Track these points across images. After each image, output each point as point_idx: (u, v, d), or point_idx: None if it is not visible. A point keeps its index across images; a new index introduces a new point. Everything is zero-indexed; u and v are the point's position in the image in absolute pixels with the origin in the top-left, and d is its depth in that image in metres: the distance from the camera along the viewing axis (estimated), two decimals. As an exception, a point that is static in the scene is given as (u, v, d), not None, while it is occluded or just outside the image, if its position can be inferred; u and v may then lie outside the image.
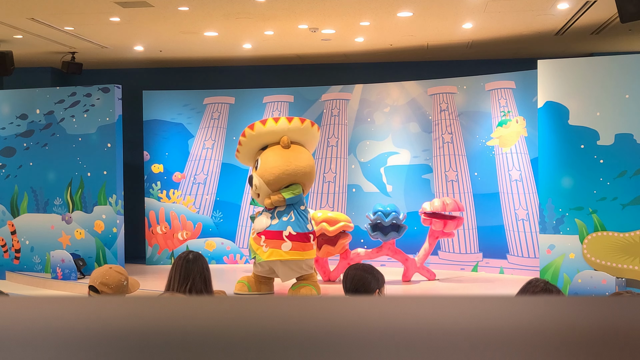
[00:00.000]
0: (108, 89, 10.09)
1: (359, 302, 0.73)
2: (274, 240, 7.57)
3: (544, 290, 3.09)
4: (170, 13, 8.02)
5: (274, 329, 0.69)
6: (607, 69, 7.75)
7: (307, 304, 0.73)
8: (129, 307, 0.73)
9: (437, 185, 10.32)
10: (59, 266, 9.42)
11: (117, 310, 0.73)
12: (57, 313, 0.72)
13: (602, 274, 7.50)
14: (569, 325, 0.68)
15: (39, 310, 0.73)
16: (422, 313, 0.71)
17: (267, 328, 0.69)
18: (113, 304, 0.75)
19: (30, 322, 0.70)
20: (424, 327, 0.69)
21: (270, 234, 7.62)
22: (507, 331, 0.68)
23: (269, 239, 7.60)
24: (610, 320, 0.68)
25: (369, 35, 9.47)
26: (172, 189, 11.16)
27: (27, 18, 8.27)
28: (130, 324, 0.70)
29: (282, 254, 7.53)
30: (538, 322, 0.68)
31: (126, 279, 3.74)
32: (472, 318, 0.70)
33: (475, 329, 0.68)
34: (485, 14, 8.19)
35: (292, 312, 0.72)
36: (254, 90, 11.24)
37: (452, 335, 0.68)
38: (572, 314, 0.70)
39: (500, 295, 0.72)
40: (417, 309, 0.72)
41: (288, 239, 7.54)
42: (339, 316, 0.71)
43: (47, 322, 0.70)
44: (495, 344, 0.67)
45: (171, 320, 0.70)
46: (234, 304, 0.73)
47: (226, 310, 0.72)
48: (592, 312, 0.70)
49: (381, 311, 0.72)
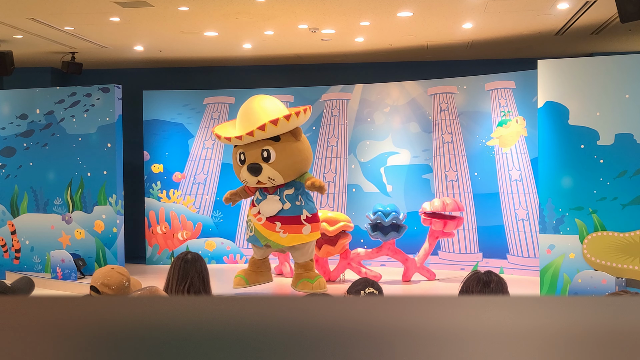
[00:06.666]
0: (108, 89, 10.10)
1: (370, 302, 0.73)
2: (293, 226, 7.57)
3: (484, 283, 3.13)
4: (170, 13, 8.02)
5: (274, 329, 0.69)
6: (607, 69, 7.75)
7: (325, 303, 0.73)
8: (129, 307, 0.73)
9: (437, 185, 10.32)
10: (59, 266, 9.42)
11: (117, 310, 0.73)
12: (57, 313, 0.72)
13: (602, 274, 7.50)
14: (568, 325, 0.68)
15: (39, 310, 0.73)
16: (422, 313, 0.71)
17: (267, 328, 0.69)
18: (113, 303, 0.75)
19: (30, 322, 0.70)
20: (424, 327, 0.69)
21: (286, 219, 7.58)
22: (507, 331, 0.68)
23: (286, 224, 7.56)
24: (610, 320, 0.69)
25: (369, 35, 9.47)
26: (172, 189, 11.17)
27: (27, 18, 8.27)
28: (131, 324, 0.70)
29: (304, 237, 7.59)
30: (537, 322, 0.68)
31: (128, 279, 3.74)
32: (472, 318, 0.70)
33: (474, 329, 0.68)
34: (485, 14, 8.19)
35: (303, 312, 0.72)
36: (254, 90, 11.20)
37: (452, 335, 0.68)
38: (571, 314, 0.70)
39: (500, 296, 0.72)
40: (416, 309, 0.72)
41: (306, 222, 7.58)
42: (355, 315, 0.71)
43: (47, 322, 0.70)
44: (495, 344, 0.67)
45: (171, 320, 0.70)
46: (235, 303, 0.73)
47: (227, 310, 0.72)
48: (592, 312, 0.70)
49: (395, 310, 0.72)
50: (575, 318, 0.70)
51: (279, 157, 7.48)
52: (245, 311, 0.71)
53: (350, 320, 0.70)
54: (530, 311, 0.71)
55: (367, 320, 0.70)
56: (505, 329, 0.69)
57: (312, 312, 0.72)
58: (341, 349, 0.67)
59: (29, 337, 0.69)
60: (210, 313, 0.72)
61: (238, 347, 0.67)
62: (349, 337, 0.67)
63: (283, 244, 7.59)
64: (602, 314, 0.70)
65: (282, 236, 7.55)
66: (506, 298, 0.73)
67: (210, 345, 0.67)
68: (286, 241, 7.57)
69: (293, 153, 7.54)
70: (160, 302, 0.73)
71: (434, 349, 0.67)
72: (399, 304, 0.73)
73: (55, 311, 0.73)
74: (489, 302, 0.73)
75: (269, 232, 7.60)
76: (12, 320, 0.71)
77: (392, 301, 0.74)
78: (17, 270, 10.26)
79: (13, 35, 9.19)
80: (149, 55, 10.93)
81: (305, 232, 7.61)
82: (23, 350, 0.68)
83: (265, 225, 7.62)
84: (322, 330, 0.68)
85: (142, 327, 0.69)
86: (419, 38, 9.65)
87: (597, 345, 0.66)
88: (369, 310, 0.72)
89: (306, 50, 10.56)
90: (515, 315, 0.71)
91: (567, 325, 0.68)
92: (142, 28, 8.91)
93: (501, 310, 0.72)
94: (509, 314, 0.71)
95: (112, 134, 9.99)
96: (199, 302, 0.75)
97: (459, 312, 0.71)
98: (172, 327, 0.69)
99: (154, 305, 0.73)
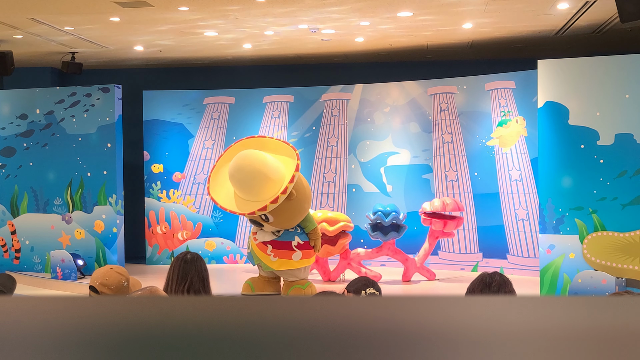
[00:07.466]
0: (108, 89, 10.10)
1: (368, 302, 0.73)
2: (283, 251, 7.56)
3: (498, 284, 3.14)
4: (170, 13, 8.02)
5: (274, 329, 0.69)
6: (607, 69, 7.76)
7: (325, 303, 0.73)
8: (129, 307, 0.73)
9: (437, 185, 10.32)
10: (59, 266, 9.42)
11: (117, 310, 0.73)
12: (57, 313, 0.72)
13: (602, 274, 7.50)
14: (568, 325, 0.68)
15: (38, 310, 0.73)
16: (423, 312, 0.71)
17: (267, 328, 0.69)
18: (113, 304, 0.75)
19: (30, 322, 0.70)
20: (424, 327, 0.69)
21: (277, 244, 7.57)
22: (507, 331, 0.68)
23: (277, 249, 7.56)
24: (610, 320, 0.68)
25: (369, 35, 9.47)
26: (172, 189, 11.17)
27: (27, 18, 8.27)
28: (131, 324, 0.70)
29: (293, 263, 7.57)
30: (537, 322, 0.68)
31: (127, 279, 3.74)
32: (471, 318, 0.70)
33: (473, 329, 0.68)
34: (485, 14, 8.19)
35: (294, 312, 0.71)
36: (254, 90, 11.24)
37: (452, 335, 0.68)
38: (571, 314, 0.70)
39: (500, 296, 0.72)
40: (416, 308, 0.72)
41: (297, 248, 7.56)
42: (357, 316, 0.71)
43: (47, 322, 0.70)
44: (495, 344, 0.67)
45: (171, 320, 0.70)
46: (234, 303, 0.73)
47: (226, 310, 0.72)
48: (592, 312, 0.70)
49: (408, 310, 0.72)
50: (575, 318, 0.69)
51: (277, 218, 7.41)
52: (244, 311, 0.71)
53: (350, 320, 0.70)
54: (530, 311, 0.71)
55: (370, 320, 0.70)
56: (505, 329, 0.69)
57: (312, 312, 0.72)
58: (341, 349, 0.67)
59: (29, 337, 0.69)
60: (210, 313, 0.72)
61: (238, 347, 0.67)
62: (349, 337, 0.67)
63: (273, 267, 7.58)
64: (602, 314, 0.70)
65: (272, 260, 7.56)
66: (506, 298, 0.73)
67: (210, 345, 0.67)
68: (276, 265, 7.57)
69: (289, 211, 7.43)
70: (160, 302, 0.73)
71: (433, 349, 0.67)
72: (399, 304, 0.73)
73: (55, 311, 0.73)
74: (489, 302, 0.73)
75: (262, 254, 7.62)
76: (12, 320, 0.71)
77: (392, 301, 0.74)
78: (17, 270, 10.25)
79: (13, 35, 9.19)
80: (149, 55, 10.93)
81: (295, 258, 7.55)
82: (23, 350, 0.68)
83: (259, 246, 7.65)
84: (322, 330, 0.68)
85: (142, 327, 0.69)
86: (419, 38, 9.65)
87: (597, 345, 0.66)
88: (371, 311, 0.72)
89: (306, 50, 10.56)
90: (515, 315, 0.71)
91: (567, 325, 0.68)
92: (142, 28, 8.91)
93: (501, 310, 0.72)
94: (508, 314, 0.71)
95: (112, 134, 9.99)
96: (198, 302, 0.75)
97: (458, 312, 0.71)
98: (172, 327, 0.69)
99: (154, 306, 0.73)
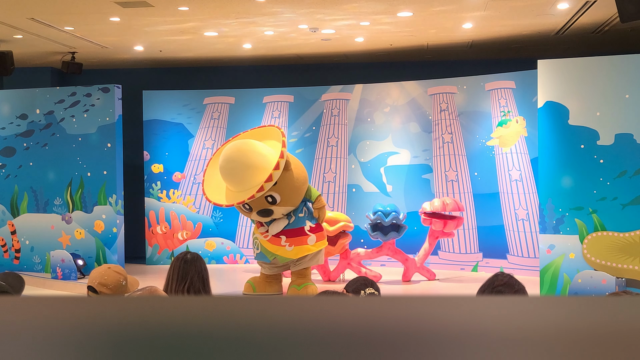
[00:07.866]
0: (108, 89, 10.09)
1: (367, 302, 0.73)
2: (298, 238, 7.60)
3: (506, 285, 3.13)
4: (170, 13, 8.02)
5: (274, 329, 0.69)
6: (607, 69, 7.75)
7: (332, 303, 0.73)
8: (129, 307, 0.73)
9: (437, 185, 10.32)
10: (59, 266, 9.42)
11: (117, 310, 0.73)
12: (57, 313, 0.72)
13: (602, 274, 7.50)
14: (568, 325, 0.68)
15: (39, 310, 0.73)
16: (423, 313, 0.71)
17: (267, 328, 0.69)
18: (113, 304, 0.75)
19: (30, 322, 0.70)
20: (424, 327, 0.69)
21: (290, 232, 7.60)
22: (507, 331, 0.68)
23: (291, 238, 7.58)
24: (610, 320, 0.68)
25: (369, 35, 9.47)
26: (172, 189, 11.17)
27: (27, 18, 8.27)
28: (131, 324, 0.70)
29: (310, 248, 7.62)
30: (537, 322, 0.68)
31: (125, 278, 3.74)
32: (471, 318, 0.70)
33: (473, 329, 0.68)
34: (485, 14, 8.19)
35: (296, 312, 0.71)
36: (254, 90, 11.24)
37: (452, 335, 0.68)
38: (571, 314, 0.70)
39: (500, 296, 0.72)
40: (416, 308, 0.72)
41: (310, 232, 7.60)
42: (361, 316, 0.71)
43: (47, 322, 0.70)
44: (495, 344, 0.67)
45: (171, 320, 0.70)
46: (234, 303, 0.73)
47: (226, 310, 0.72)
48: (592, 312, 0.70)
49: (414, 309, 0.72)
50: (576, 318, 0.69)
51: (283, 195, 7.45)
52: (244, 311, 0.71)
53: (351, 320, 0.70)
54: (530, 311, 0.71)
55: (371, 320, 0.70)
56: (505, 328, 0.69)
57: (313, 312, 0.72)
58: (342, 349, 0.67)
59: (29, 337, 0.69)
60: (210, 313, 0.72)
61: (238, 347, 0.67)
62: (350, 337, 0.67)
63: (290, 256, 7.58)
64: (602, 314, 0.70)
65: (288, 249, 7.57)
66: (506, 298, 0.73)
67: (210, 346, 0.67)
68: (293, 254, 7.57)
69: (291, 183, 7.49)
70: (159, 302, 0.73)
71: (433, 349, 0.67)
72: (399, 304, 0.73)
73: (55, 311, 0.73)
74: (489, 302, 0.73)
75: (275, 247, 7.62)
76: (12, 320, 0.71)
77: (392, 301, 0.74)
78: (17, 270, 10.24)
79: (13, 35, 9.19)
80: (149, 55, 10.93)
81: (310, 242, 7.66)
82: (23, 350, 0.68)
83: (270, 240, 7.64)
84: (324, 330, 0.68)
85: (142, 327, 0.69)
86: (419, 38, 9.65)
87: (597, 345, 0.66)
88: (372, 311, 0.72)
89: (306, 50, 10.56)
90: (515, 315, 0.71)
91: (567, 325, 0.68)
92: (142, 28, 8.91)
93: (501, 310, 0.72)
94: (508, 314, 0.71)
95: (112, 134, 9.99)
96: (198, 302, 0.75)
97: (458, 312, 0.71)
98: (172, 327, 0.69)
99: (154, 306, 0.73)
